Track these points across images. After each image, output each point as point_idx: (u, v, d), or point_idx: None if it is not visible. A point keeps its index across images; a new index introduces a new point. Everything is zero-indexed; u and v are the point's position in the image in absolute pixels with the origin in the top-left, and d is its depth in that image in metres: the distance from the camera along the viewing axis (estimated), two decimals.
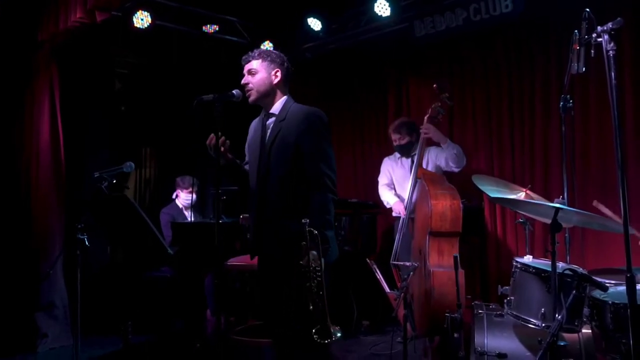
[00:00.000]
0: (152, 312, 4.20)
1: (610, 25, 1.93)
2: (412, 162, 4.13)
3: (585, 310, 2.46)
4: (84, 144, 4.85)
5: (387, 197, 4.32)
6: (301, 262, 2.11)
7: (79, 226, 2.85)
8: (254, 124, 2.61)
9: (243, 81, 2.47)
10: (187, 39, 5.12)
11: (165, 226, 4.61)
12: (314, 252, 2.10)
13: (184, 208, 4.89)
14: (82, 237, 2.86)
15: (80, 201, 3.90)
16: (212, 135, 2.32)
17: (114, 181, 3.01)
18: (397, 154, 4.34)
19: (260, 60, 2.46)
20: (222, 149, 2.34)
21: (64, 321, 4.23)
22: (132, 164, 3.21)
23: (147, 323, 4.11)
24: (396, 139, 4.21)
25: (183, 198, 4.86)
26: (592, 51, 2.02)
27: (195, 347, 3.90)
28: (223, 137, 2.33)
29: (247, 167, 2.61)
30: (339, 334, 2.08)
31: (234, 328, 4.23)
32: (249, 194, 2.53)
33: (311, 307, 2.07)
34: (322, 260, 2.15)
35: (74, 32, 4.03)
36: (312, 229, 2.13)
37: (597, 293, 2.44)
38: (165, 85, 5.46)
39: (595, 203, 2.68)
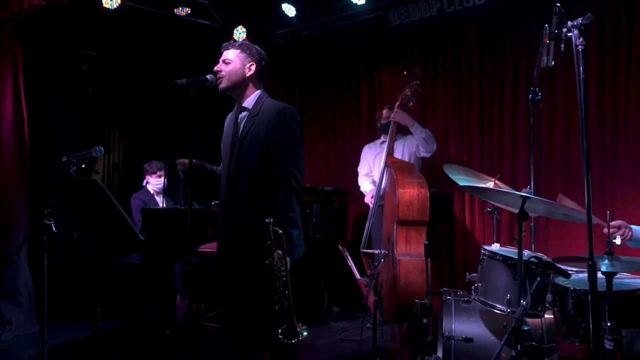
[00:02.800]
0: (121, 298, 4.15)
1: (580, 20, 1.97)
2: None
3: (548, 297, 2.56)
4: (50, 126, 4.71)
5: (365, 186, 4.36)
6: (266, 262, 2.10)
7: (46, 211, 2.77)
8: (228, 118, 2.59)
9: (216, 68, 2.44)
10: (157, 22, 5.01)
11: (136, 211, 4.53)
12: (279, 252, 2.09)
13: (155, 193, 4.82)
14: (49, 222, 2.78)
15: (47, 186, 3.79)
16: (186, 161, 2.40)
17: (83, 165, 2.93)
18: (378, 140, 4.34)
19: (238, 51, 2.44)
20: (182, 168, 2.45)
21: (29, 308, 4.14)
22: (102, 149, 3.13)
23: (116, 309, 4.06)
24: (388, 115, 4.11)
25: (153, 183, 4.79)
26: (562, 45, 2.07)
27: (165, 333, 3.89)
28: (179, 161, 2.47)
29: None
30: (305, 333, 2.07)
31: (205, 314, 4.22)
32: (220, 187, 2.52)
33: (277, 307, 2.06)
34: (288, 259, 2.15)
35: (40, 11, 3.88)
36: (276, 228, 2.10)
37: (560, 280, 2.54)
38: (134, 68, 5.34)
39: (559, 197, 2.78)
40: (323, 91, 5.61)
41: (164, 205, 4.82)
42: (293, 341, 2.06)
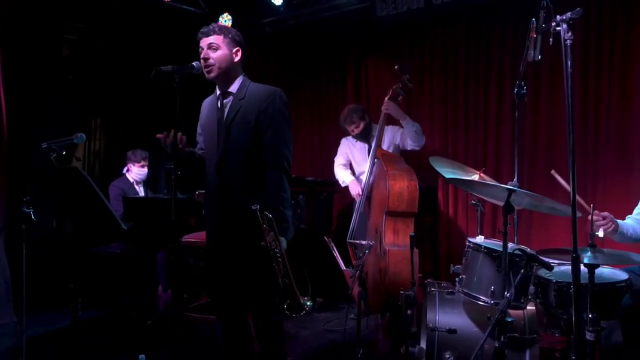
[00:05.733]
0: (102, 288, 4.09)
1: (569, 14, 1.99)
2: (370, 145, 4.16)
3: (531, 288, 2.59)
4: (29, 113, 4.59)
5: (343, 176, 4.33)
6: (262, 244, 2.13)
7: (25, 199, 2.70)
8: (208, 104, 2.58)
9: (203, 55, 2.41)
10: (141, 6, 4.90)
11: (115, 200, 4.47)
12: (272, 234, 2.13)
13: (135, 182, 4.75)
14: (27, 210, 2.72)
15: (27, 173, 3.69)
16: (171, 132, 2.26)
17: (64, 152, 2.86)
18: (354, 138, 4.33)
19: (222, 36, 2.42)
20: (180, 145, 2.28)
21: (6, 298, 4.05)
22: (83, 135, 3.05)
23: (97, 299, 4.00)
24: (352, 128, 4.15)
25: (135, 172, 4.72)
26: (551, 39, 2.08)
27: (147, 324, 3.85)
28: (180, 134, 2.27)
29: (199, 149, 2.57)
30: (309, 303, 2.16)
31: (187, 304, 4.19)
32: (206, 173, 2.50)
33: (281, 283, 2.12)
34: (283, 240, 2.18)
35: None
36: (266, 213, 2.13)
37: (543, 272, 2.58)
38: (117, 54, 5.23)
39: (552, 172, 2.82)
40: (309, 81, 5.57)
41: (144, 194, 4.76)
42: (301, 314, 2.14)
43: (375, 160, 3.91)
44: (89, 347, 3.44)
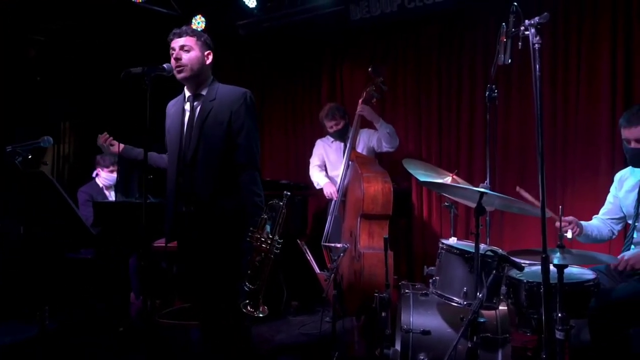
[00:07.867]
0: (72, 295, 3.99)
1: (537, 19, 2.03)
2: (345, 145, 4.17)
3: (502, 289, 2.62)
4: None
5: (318, 177, 4.33)
6: (258, 236, 2.19)
7: None
8: (173, 106, 2.57)
9: (176, 55, 2.42)
10: (112, 7, 4.81)
11: (83, 206, 4.37)
12: (268, 227, 2.22)
13: (104, 187, 4.65)
14: None
15: None
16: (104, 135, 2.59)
17: (30, 156, 2.78)
18: (330, 138, 4.35)
19: (194, 39, 2.45)
20: (105, 144, 2.54)
21: None
22: (50, 139, 2.97)
23: (66, 307, 3.90)
24: (332, 125, 4.18)
25: (104, 177, 4.62)
26: (520, 43, 2.12)
27: (119, 331, 3.76)
28: (105, 136, 2.60)
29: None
30: (261, 315, 2.22)
31: (160, 310, 4.12)
32: (169, 177, 2.48)
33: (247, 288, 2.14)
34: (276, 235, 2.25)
35: None
36: (276, 201, 2.24)
37: (514, 272, 2.61)
38: (87, 56, 5.12)
39: (517, 189, 2.87)
40: (284, 84, 5.55)
41: (115, 198, 4.66)
42: (257, 315, 2.20)
43: (350, 162, 3.92)
44: (57, 357, 3.35)
